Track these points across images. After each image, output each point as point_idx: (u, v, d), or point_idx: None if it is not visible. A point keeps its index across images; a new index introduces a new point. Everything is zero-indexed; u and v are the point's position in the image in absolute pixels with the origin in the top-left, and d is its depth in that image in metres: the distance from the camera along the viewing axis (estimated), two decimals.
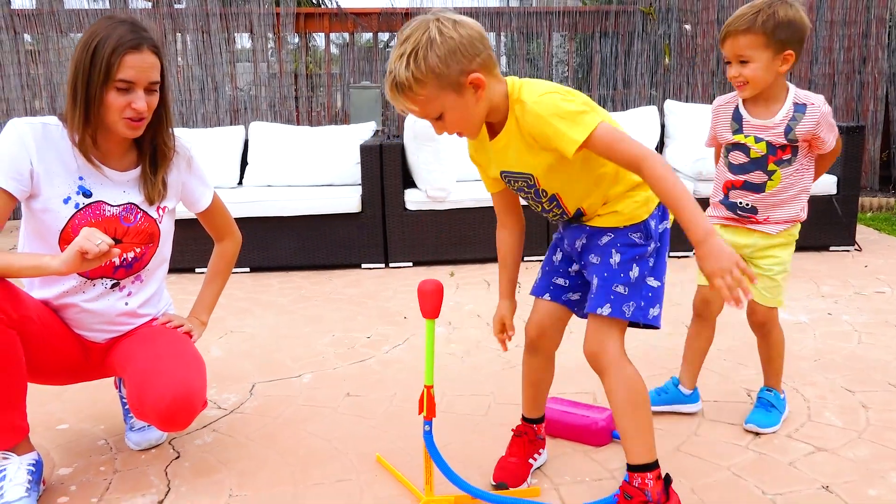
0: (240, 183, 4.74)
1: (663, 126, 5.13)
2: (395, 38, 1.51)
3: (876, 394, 2.37)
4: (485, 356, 2.81)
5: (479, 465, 1.96)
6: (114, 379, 2.29)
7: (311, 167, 4.60)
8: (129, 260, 1.91)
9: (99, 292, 1.91)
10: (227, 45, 6.13)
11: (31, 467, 1.80)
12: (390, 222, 4.26)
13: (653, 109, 5.14)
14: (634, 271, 1.65)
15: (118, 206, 1.88)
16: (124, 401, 2.19)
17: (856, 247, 4.43)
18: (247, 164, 4.75)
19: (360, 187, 4.32)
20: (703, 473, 1.91)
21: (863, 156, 4.90)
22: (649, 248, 1.67)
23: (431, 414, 1.74)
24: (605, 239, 1.69)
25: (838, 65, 6.26)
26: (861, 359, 2.68)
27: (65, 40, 5.98)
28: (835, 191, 4.34)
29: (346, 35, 6.32)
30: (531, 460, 1.91)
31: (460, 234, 4.28)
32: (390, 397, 2.45)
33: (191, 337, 2.03)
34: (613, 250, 1.67)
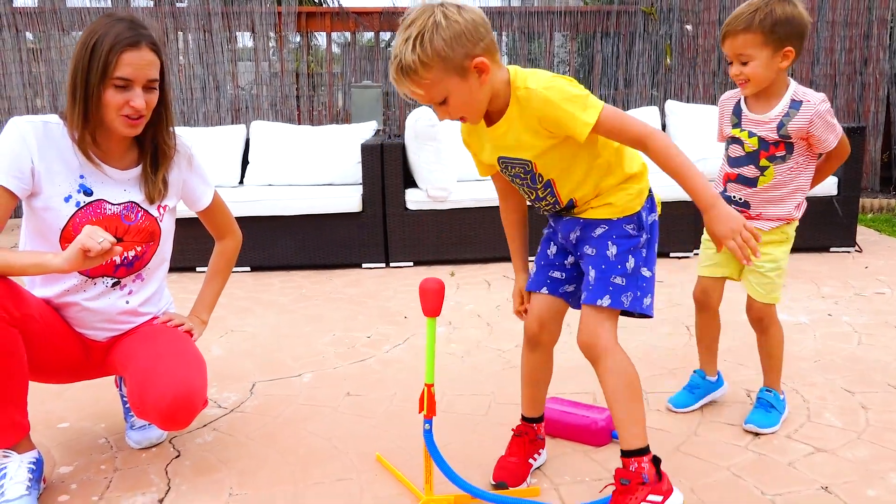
0: (241, 182, 4.74)
1: (664, 126, 5.13)
2: (397, 35, 1.52)
3: (876, 395, 2.38)
4: (485, 356, 2.81)
5: (479, 464, 1.97)
6: (114, 377, 2.29)
7: (313, 166, 4.60)
8: (130, 258, 1.91)
9: (100, 291, 1.91)
10: (229, 44, 6.14)
11: (32, 465, 1.80)
12: (391, 222, 4.26)
13: (654, 110, 5.15)
14: (630, 262, 1.68)
15: (119, 204, 1.88)
16: (125, 399, 2.19)
17: (856, 248, 4.43)
18: (248, 163, 4.75)
19: (360, 187, 4.32)
20: (702, 473, 1.91)
21: (863, 157, 4.90)
22: (642, 239, 1.71)
23: (432, 412, 1.75)
24: (599, 230, 1.71)
25: (839, 66, 6.26)
26: (861, 360, 2.68)
27: (66, 38, 5.98)
28: (835, 192, 4.35)
29: (348, 34, 6.33)
30: (531, 460, 1.91)
31: (461, 234, 4.28)
32: (390, 397, 2.45)
33: (191, 336, 2.03)
34: (609, 242, 1.69)
